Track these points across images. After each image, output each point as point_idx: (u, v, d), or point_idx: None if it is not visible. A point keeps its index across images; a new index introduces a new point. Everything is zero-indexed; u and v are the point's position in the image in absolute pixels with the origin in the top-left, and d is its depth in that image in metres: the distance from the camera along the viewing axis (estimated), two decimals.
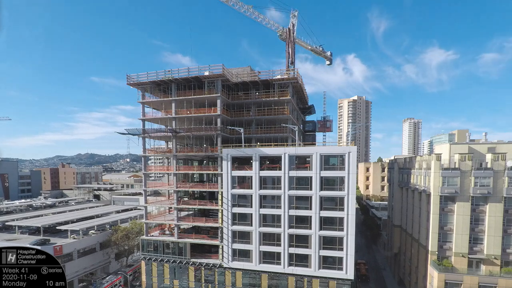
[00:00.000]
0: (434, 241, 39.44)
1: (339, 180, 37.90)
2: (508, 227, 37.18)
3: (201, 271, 44.53)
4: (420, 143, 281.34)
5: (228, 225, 42.22)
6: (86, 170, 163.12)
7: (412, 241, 46.56)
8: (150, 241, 47.23)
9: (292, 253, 40.29)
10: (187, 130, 42.97)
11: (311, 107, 60.42)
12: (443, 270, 37.70)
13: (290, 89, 43.88)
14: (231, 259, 42.62)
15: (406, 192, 50.28)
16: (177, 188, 45.70)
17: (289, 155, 39.22)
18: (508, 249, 37.32)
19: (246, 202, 41.76)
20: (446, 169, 38.63)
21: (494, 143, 47.78)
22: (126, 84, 45.09)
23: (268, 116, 44.00)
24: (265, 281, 41.63)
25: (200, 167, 49.46)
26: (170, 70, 43.39)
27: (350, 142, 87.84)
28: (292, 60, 58.22)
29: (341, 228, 38.10)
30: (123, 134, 44.47)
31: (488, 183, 36.56)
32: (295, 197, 39.71)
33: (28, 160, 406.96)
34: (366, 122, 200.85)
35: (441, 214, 39.03)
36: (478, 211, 37.86)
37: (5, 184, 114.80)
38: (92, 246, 52.06)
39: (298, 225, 39.91)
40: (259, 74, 46.06)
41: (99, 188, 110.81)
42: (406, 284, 49.33)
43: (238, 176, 41.87)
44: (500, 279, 36.10)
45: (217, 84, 41.99)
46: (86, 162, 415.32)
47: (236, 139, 45.25)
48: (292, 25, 58.52)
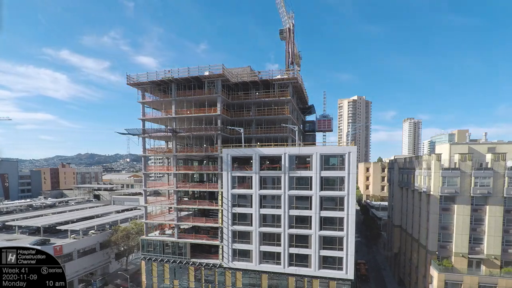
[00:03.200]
0: (434, 241, 39.46)
1: (339, 180, 37.88)
2: (508, 227, 37.18)
3: (201, 271, 44.51)
4: (420, 143, 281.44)
5: (228, 225, 42.20)
6: (86, 170, 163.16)
7: (412, 241, 46.55)
8: (150, 241, 47.21)
9: (292, 253, 40.27)
10: (187, 130, 42.98)
11: (311, 107, 60.41)
12: (443, 270, 37.70)
13: (290, 89, 43.88)
14: (231, 259, 42.61)
15: (406, 192, 50.27)
16: (177, 188, 45.69)
17: (289, 155, 39.21)
18: (508, 249, 37.35)
19: (246, 202, 41.75)
20: (446, 169, 38.65)
21: (494, 143, 47.79)
22: (126, 84, 45.13)
23: (268, 116, 43.98)
24: (265, 281, 41.62)
25: (200, 167, 49.46)
26: (170, 70, 43.40)
27: (350, 142, 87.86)
28: (292, 60, 58.18)
29: (341, 228, 38.09)
30: (123, 134, 44.49)
31: (488, 183, 36.56)
32: (295, 197, 39.69)
33: (28, 160, 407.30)
34: (366, 122, 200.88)
35: (441, 214, 39.04)
36: (478, 211, 37.84)
37: (5, 184, 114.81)
38: (92, 246, 52.06)
39: (298, 225, 39.90)
40: (259, 74, 46.05)
41: (99, 188, 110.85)
42: (406, 284, 49.32)
43: (238, 176, 41.85)
44: (500, 279, 36.10)
45: (217, 84, 41.98)
46: (86, 162, 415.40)
47: (236, 139, 45.24)
48: (292, 25, 58.51)
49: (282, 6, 57.70)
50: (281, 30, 59.16)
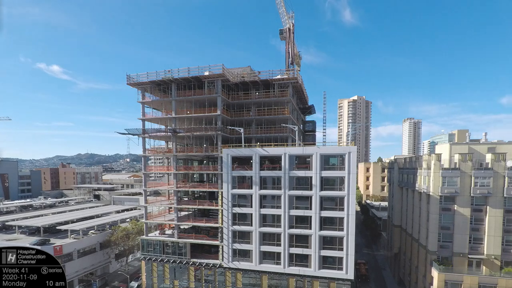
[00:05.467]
0: (434, 241, 39.45)
1: (339, 180, 37.89)
2: (508, 227, 37.18)
3: (201, 271, 44.50)
4: (420, 143, 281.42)
5: (228, 225, 42.20)
6: (86, 170, 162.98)
7: (412, 241, 46.54)
8: (150, 241, 47.21)
9: (292, 253, 40.27)
10: (187, 130, 42.98)
11: (311, 107, 60.40)
12: (443, 270, 37.67)
13: (290, 89, 43.86)
14: (231, 259, 42.60)
15: (406, 192, 50.26)
16: (177, 188, 45.69)
17: (289, 155, 39.20)
18: (508, 249, 37.35)
19: (246, 202, 41.74)
20: (446, 169, 38.65)
21: (494, 143, 47.83)
22: (126, 84, 45.13)
23: (268, 116, 43.98)
24: (265, 281, 41.62)
25: (200, 167, 49.46)
26: (170, 70, 43.35)
27: (350, 142, 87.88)
28: (292, 60, 58.21)
29: (341, 228, 38.09)
30: (123, 134, 44.49)
31: (488, 183, 36.56)
32: (295, 197, 39.68)
33: (28, 160, 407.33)
34: (366, 122, 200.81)
35: (441, 214, 39.02)
36: (478, 211, 37.85)
37: (5, 184, 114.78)
38: (92, 246, 52.03)
39: (298, 225, 39.89)
40: (259, 74, 46.04)
41: (99, 188, 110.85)
42: (406, 284, 49.30)
43: (238, 176, 41.84)
44: (500, 279, 36.07)
45: (217, 84, 41.97)
46: (86, 162, 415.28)
47: (236, 139, 45.23)
48: (292, 24, 58.54)
49: (282, 6, 57.74)
50: (281, 30, 59.26)
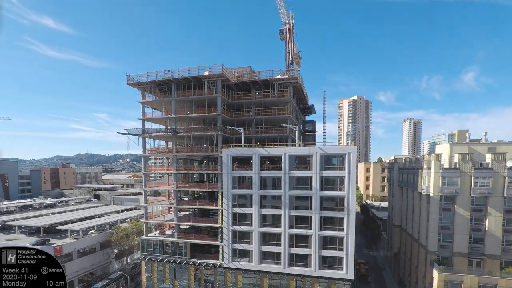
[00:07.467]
0: (434, 241, 39.44)
1: (339, 180, 37.87)
2: (508, 227, 37.20)
3: (201, 271, 44.49)
4: (420, 143, 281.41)
5: (228, 225, 42.19)
6: (86, 170, 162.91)
7: (412, 241, 46.54)
8: (150, 241, 47.20)
9: (292, 253, 40.26)
10: (187, 130, 42.98)
11: (311, 107, 60.39)
12: (443, 270, 37.66)
13: (290, 89, 43.85)
14: (231, 259, 42.59)
15: (406, 192, 50.26)
16: (177, 188, 45.69)
17: (289, 155, 39.19)
18: (508, 249, 37.34)
19: (246, 202, 41.73)
20: (446, 169, 38.65)
21: (494, 143, 47.82)
22: (126, 84, 45.10)
23: (268, 116, 43.96)
24: (265, 281, 41.61)
25: (200, 167, 49.45)
26: (170, 70, 43.34)
27: (350, 142, 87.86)
28: (292, 60, 58.20)
29: (341, 228, 38.07)
30: (123, 134, 44.53)
31: (488, 183, 36.56)
32: (295, 197, 39.67)
33: (28, 160, 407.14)
34: (366, 122, 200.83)
35: (441, 214, 39.02)
36: (478, 211, 37.84)
37: (5, 184, 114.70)
38: (92, 246, 52.02)
39: (298, 225, 39.88)
40: (259, 74, 46.03)
41: (99, 188, 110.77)
42: (406, 284, 49.30)
43: (238, 176, 41.83)
44: (500, 279, 36.04)
45: (217, 84, 41.96)
46: (86, 162, 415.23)
47: (236, 139, 45.22)
48: (292, 24, 58.53)
49: (282, 6, 57.76)
50: (281, 30, 59.29)
